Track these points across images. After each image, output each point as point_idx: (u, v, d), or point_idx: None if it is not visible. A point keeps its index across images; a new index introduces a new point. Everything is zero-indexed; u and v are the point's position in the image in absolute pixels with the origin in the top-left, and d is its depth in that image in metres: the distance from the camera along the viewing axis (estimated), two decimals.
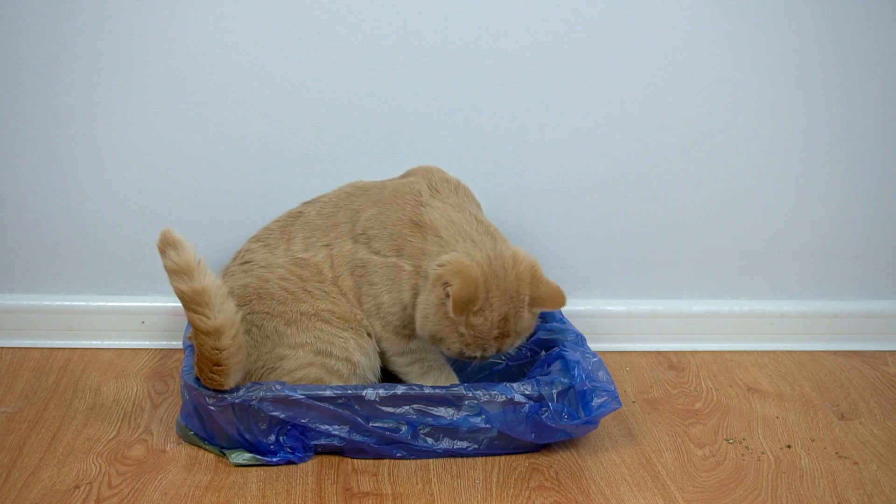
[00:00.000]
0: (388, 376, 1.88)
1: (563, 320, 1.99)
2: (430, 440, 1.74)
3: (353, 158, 2.08)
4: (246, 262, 1.87)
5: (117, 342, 2.13)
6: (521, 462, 1.76)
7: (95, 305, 2.13)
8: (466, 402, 1.73)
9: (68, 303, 2.12)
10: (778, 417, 1.96)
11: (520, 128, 2.10)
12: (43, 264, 2.11)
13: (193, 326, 1.65)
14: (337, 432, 1.72)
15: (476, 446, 1.75)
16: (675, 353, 2.22)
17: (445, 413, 1.73)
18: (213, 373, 1.66)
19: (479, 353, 1.73)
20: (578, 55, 2.06)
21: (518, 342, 1.77)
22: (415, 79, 2.05)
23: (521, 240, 1.82)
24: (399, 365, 1.85)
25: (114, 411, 1.88)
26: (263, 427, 1.70)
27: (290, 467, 1.71)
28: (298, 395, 1.69)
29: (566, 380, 1.76)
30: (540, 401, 1.73)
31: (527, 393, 1.73)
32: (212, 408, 1.68)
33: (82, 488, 1.63)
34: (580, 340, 1.88)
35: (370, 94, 2.05)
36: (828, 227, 2.23)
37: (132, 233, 2.09)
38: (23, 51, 1.97)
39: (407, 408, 1.72)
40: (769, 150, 2.16)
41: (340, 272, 1.83)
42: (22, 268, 2.11)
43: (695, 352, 2.23)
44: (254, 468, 1.71)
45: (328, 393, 1.70)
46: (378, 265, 1.79)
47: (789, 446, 1.86)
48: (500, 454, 1.77)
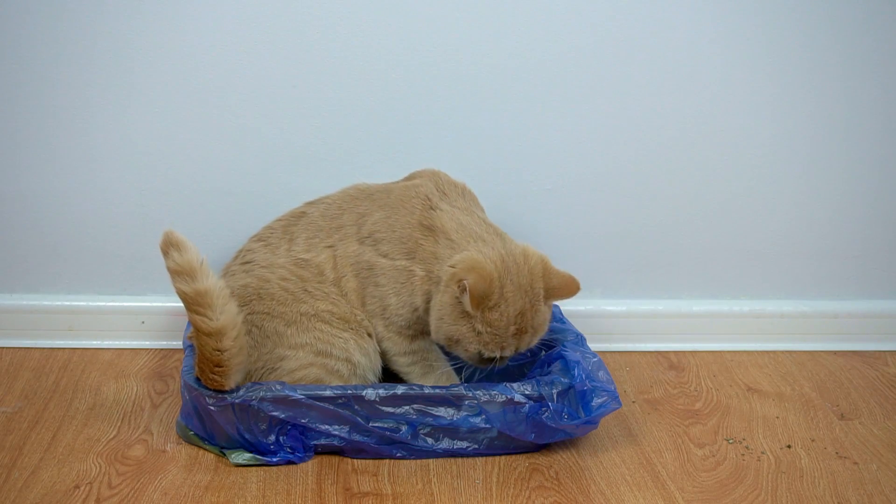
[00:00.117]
0: (389, 376, 1.88)
1: (563, 320, 1.99)
2: (430, 440, 1.74)
3: (353, 158, 2.08)
4: (247, 261, 1.87)
5: (117, 342, 2.13)
6: (521, 462, 1.76)
7: (95, 305, 2.13)
8: (466, 402, 1.73)
9: (68, 303, 2.12)
10: (778, 417, 1.96)
11: (520, 128, 2.10)
12: (43, 264, 2.11)
13: (195, 328, 1.65)
14: (337, 432, 1.72)
15: (476, 446, 1.75)
16: (675, 353, 2.22)
17: (445, 413, 1.73)
18: (214, 373, 1.66)
19: (497, 353, 1.73)
20: (578, 55, 2.06)
21: (535, 340, 1.77)
22: (415, 79, 2.05)
23: (521, 240, 1.82)
24: (401, 365, 1.85)
25: (114, 411, 1.88)
26: (263, 427, 1.70)
27: (290, 467, 1.71)
28: (298, 395, 1.69)
29: (566, 380, 1.76)
30: (540, 401, 1.73)
31: (527, 393, 1.73)
32: (212, 408, 1.68)
33: (82, 488, 1.63)
34: (580, 340, 1.88)
35: (370, 94, 2.05)
36: (828, 227, 2.23)
37: (132, 233, 2.09)
38: (23, 51, 1.97)
39: (407, 408, 1.72)
40: (769, 150, 2.16)
41: (344, 273, 1.82)
42: (22, 268, 2.11)
43: (695, 352, 2.23)
44: (254, 468, 1.71)
45: (328, 393, 1.70)
46: (386, 268, 1.79)
47: (789, 446, 1.86)
48: (500, 454, 1.77)
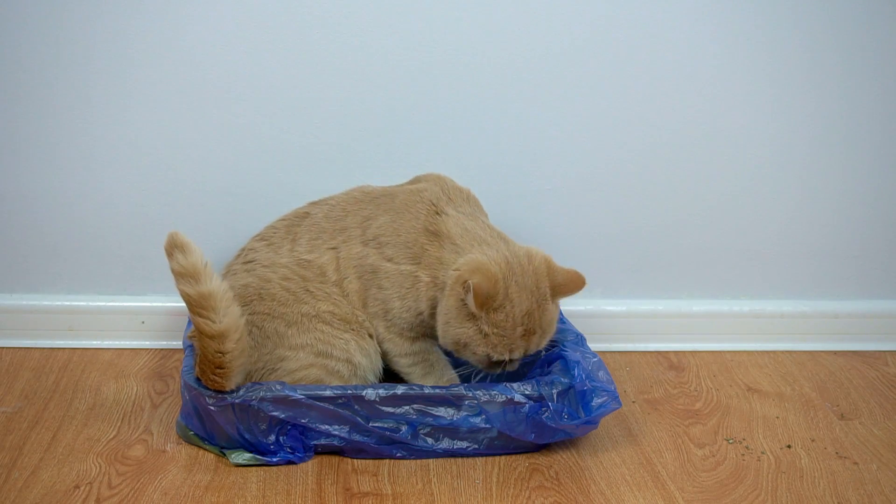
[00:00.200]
0: (390, 377, 1.88)
1: (563, 320, 1.98)
2: (430, 440, 1.74)
3: (353, 158, 2.08)
4: (249, 260, 1.87)
5: (117, 342, 2.13)
6: (521, 462, 1.76)
7: (95, 305, 2.13)
8: (466, 402, 1.73)
9: (68, 303, 2.12)
10: (778, 417, 1.96)
11: (520, 128, 2.10)
12: (43, 264, 2.11)
13: (198, 330, 1.65)
14: (337, 432, 1.71)
15: (476, 446, 1.75)
16: (675, 353, 2.22)
17: (445, 413, 1.73)
18: (216, 375, 1.66)
19: (506, 356, 1.72)
20: (578, 55, 2.06)
21: (544, 341, 1.76)
22: (415, 79, 2.05)
23: (521, 240, 1.82)
24: (402, 366, 1.85)
25: (114, 411, 1.88)
26: (263, 427, 1.70)
27: (290, 467, 1.71)
28: (298, 395, 1.69)
29: (566, 380, 1.76)
30: (540, 401, 1.73)
31: (527, 393, 1.73)
32: (212, 408, 1.68)
33: (82, 488, 1.63)
34: (580, 340, 1.88)
35: (370, 94, 2.05)
36: (828, 227, 2.23)
37: (132, 233, 2.09)
38: (23, 51, 1.96)
39: (407, 408, 1.72)
40: (769, 150, 2.16)
41: (346, 274, 1.82)
42: (22, 268, 2.11)
43: (695, 352, 2.23)
44: (254, 468, 1.71)
45: (328, 393, 1.70)
46: (391, 272, 1.79)
47: (789, 446, 1.86)
48: (500, 454, 1.77)
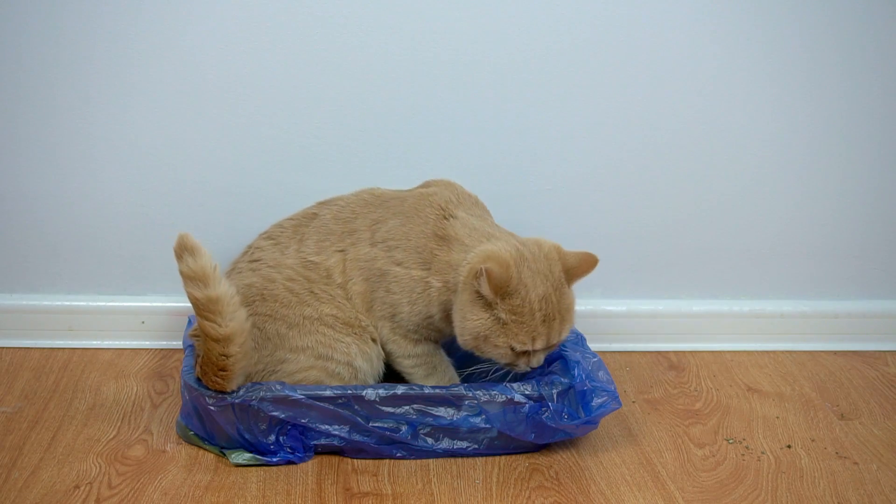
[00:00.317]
0: (392, 377, 1.88)
1: None
2: (430, 440, 1.74)
3: (354, 158, 2.08)
4: (255, 259, 1.86)
5: (117, 342, 2.13)
6: (521, 462, 1.76)
7: (95, 305, 2.13)
8: (466, 402, 1.73)
9: (68, 303, 2.12)
10: (778, 417, 1.96)
11: (519, 128, 2.10)
12: (43, 264, 2.11)
13: (204, 333, 1.65)
14: (337, 432, 1.72)
15: (476, 446, 1.75)
16: (675, 353, 2.22)
17: (445, 413, 1.73)
18: (218, 377, 1.66)
19: (529, 345, 1.70)
20: (578, 55, 2.06)
21: (566, 329, 1.74)
22: (415, 78, 2.05)
23: None
24: (404, 366, 1.85)
25: (114, 411, 1.88)
26: (263, 427, 1.70)
27: (290, 467, 1.71)
28: (298, 395, 1.69)
29: (566, 380, 1.76)
30: (540, 401, 1.73)
31: (527, 393, 1.73)
32: (212, 408, 1.68)
33: (82, 488, 1.63)
34: (580, 340, 1.88)
35: (370, 94, 2.05)
36: (827, 227, 2.23)
37: (132, 233, 2.09)
38: (23, 51, 1.96)
39: (407, 408, 1.72)
40: (769, 150, 2.16)
41: (352, 276, 1.82)
42: (22, 268, 2.11)
43: (695, 352, 2.23)
44: (254, 468, 1.71)
45: (328, 393, 1.70)
46: (401, 276, 1.79)
47: (789, 446, 1.86)
48: (500, 454, 1.77)
